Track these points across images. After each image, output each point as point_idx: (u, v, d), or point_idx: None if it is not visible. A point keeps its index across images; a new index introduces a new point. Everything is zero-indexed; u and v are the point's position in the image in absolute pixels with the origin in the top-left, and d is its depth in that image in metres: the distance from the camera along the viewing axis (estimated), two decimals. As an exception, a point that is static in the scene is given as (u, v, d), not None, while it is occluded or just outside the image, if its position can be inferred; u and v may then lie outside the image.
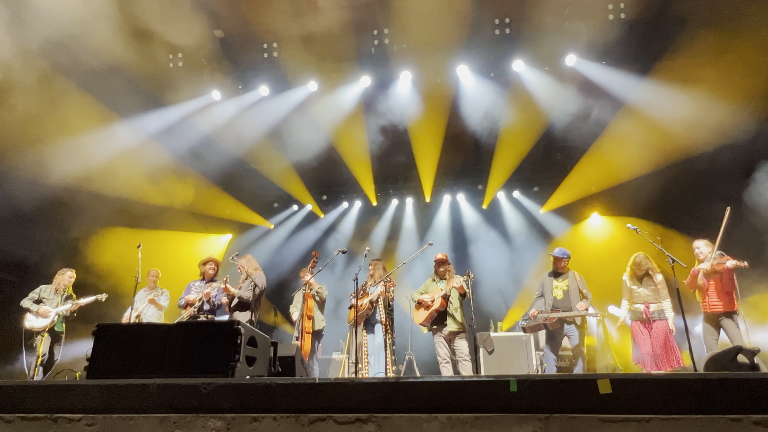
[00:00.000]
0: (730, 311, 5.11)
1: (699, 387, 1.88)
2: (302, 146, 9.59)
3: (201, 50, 8.26)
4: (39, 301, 6.42)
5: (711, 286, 5.26)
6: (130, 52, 7.53)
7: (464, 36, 8.16)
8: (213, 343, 2.34)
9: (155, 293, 7.01)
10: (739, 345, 4.18)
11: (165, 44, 7.80)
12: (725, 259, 5.12)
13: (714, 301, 5.22)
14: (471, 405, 1.95)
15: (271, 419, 2.01)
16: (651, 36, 7.78)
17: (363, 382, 2.03)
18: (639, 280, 5.68)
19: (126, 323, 6.21)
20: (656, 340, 5.37)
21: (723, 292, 5.15)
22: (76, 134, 7.72)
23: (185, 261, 8.73)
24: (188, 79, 8.70)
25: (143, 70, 8.09)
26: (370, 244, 10.39)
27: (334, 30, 8.04)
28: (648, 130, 8.09)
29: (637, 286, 5.67)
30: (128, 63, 7.71)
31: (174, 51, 8.40)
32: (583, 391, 1.91)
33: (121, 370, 2.34)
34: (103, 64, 7.50)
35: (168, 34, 7.45)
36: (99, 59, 7.37)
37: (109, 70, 7.64)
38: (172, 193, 9.15)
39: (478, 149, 10.06)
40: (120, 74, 7.84)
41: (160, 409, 2.10)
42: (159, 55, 8.08)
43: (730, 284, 5.09)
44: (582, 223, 10.02)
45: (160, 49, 7.94)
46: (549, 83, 8.56)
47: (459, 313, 5.82)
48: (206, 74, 8.83)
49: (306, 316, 6.30)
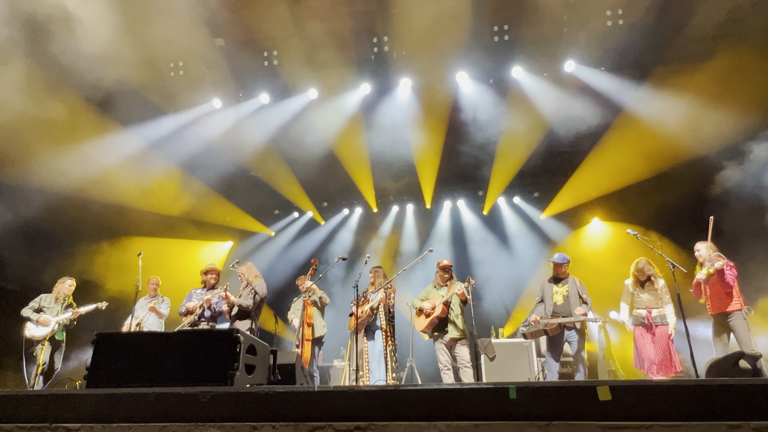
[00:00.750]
0: (733, 311, 5.12)
1: (699, 393, 1.87)
2: (303, 153, 9.62)
3: (202, 59, 8.31)
4: (39, 310, 6.42)
5: (709, 288, 5.31)
6: (131, 62, 7.60)
7: (463, 43, 8.18)
8: (212, 351, 2.34)
9: (155, 301, 7.01)
10: (741, 351, 4.18)
11: (166, 53, 7.85)
12: (716, 260, 5.18)
13: (715, 303, 5.27)
14: (470, 413, 1.94)
15: (270, 428, 2.01)
16: (649, 41, 7.80)
17: (362, 390, 2.03)
18: (641, 285, 5.68)
19: (125, 332, 6.21)
20: (659, 345, 5.35)
21: (722, 293, 5.19)
22: (78, 143, 7.76)
23: (186, 269, 8.74)
24: (189, 88, 8.74)
25: (144, 79, 8.15)
26: (371, 251, 10.38)
27: (333, 37, 8.09)
28: (647, 136, 8.10)
29: (639, 291, 5.66)
30: (130, 72, 7.77)
31: (175, 59, 8.45)
32: (583, 398, 1.90)
33: (120, 379, 2.34)
34: (106, 74, 7.55)
35: (169, 43, 7.50)
36: (102, 69, 7.42)
37: (112, 80, 7.69)
38: (173, 201, 9.17)
39: (478, 155, 10.08)
40: (122, 83, 7.89)
41: (159, 418, 2.10)
42: (160, 63, 8.14)
43: (727, 285, 5.11)
44: (583, 229, 10.01)
45: (161, 58, 8.00)
46: (548, 89, 8.58)
47: (460, 320, 5.80)
48: (207, 82, 8.87)
49: (306, 323, 6.29)
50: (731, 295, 5.14)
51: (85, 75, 7.30)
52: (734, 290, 5.15)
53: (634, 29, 7.72)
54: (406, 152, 9.76)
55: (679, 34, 7.44)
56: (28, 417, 2.19)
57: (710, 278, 5.25)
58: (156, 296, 7.11)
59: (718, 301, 5.22)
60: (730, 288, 5.12)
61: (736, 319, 5.09)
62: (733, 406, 1.83)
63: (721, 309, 5.19)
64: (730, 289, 5.12)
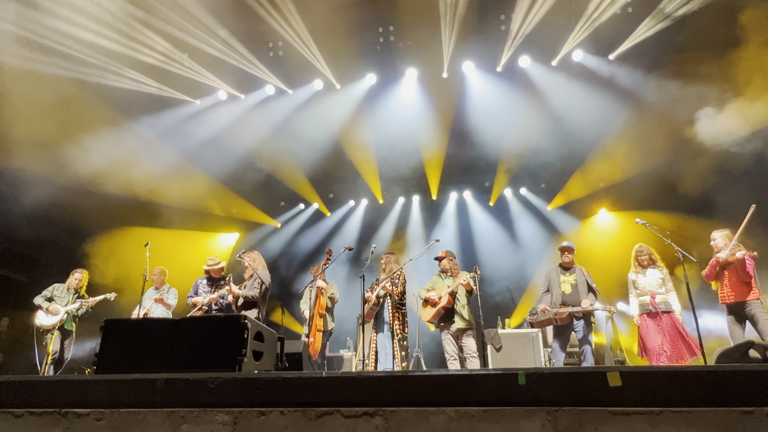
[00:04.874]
0: (749, 300, 5.08)
1: (710, 379, 1.85)
2: (308, 145, 9.61)
3: (206, 50, 8.29)
4: (50, 299, 6.50)
5: (726, 276, 5.25)
6: (137, 53, 7.60)
7: (470, 32, 8.11)
8: (220, 337, 2.34)
9: (161, 292, 7.04)
10: (750, 340, 4.14)
11: (171, 44, 7.84)
12: (736, 249, 5.13)
13: (729, 292, 5.21)
14: (479, 398, 1.93)
15: (278, 413, 2.01)
16: (659, 30, 7.69)
17: (370, 375, 2.02)
18: (644, 269, 5.65)
19: (134, 318, 6.26)
20: (667, 334, 5.29)
21: (740, 282, 5.14)
22: (85, 134, 7.78)
23: (194, 259, 8.77)
24: (194, 79, 8.73)
25: (150, 71, 8.15)
26: (377, 241, 10.38)
27: (339, 28, 8.03)
28: (656, 125, 8.01)
29: (642, 276, 5.63)
30: (135, 63, 7.78)
31: (180, 51, 8.43)
32: (593, 383, 1.89)
33: (128, 365, 2.35)
34: (112, 65, 7.56)
35: (174, 34, 7.49)
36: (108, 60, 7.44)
37: (118, 70, 7.70)
38: (179, 193, 9.20)
39: (484, 146, 10.01)
40: (127, 74, 7.90)
41: (168, 403, 2.10)
42: (165, 55, 8.13)
43: (746, 274, 5.06)
44: (590, 219, 9.95)
45: (166, 49, 7.99)
46: (556, 79, 8.50)
47: (466, 310, 5.79)
48: (212, 74, 8.86)
49: (318, 314, 6.29)
50: (750, 285, 5.10)
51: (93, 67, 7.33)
52: (753, 280, 5.10)
53: (642, 18, 7.61)
54: (412, 143, 9.72)
55: (689, 22, 7.32)
56: (38, 402, 2.20)
57: (728, 266, 5.20)
58: (162, 286, 7.14)
59: (737, 290, 5.17)
60: (750, 278, 5.07)
61: (755, 307, 5.04)
62: (746, 392, 1.81)
63: (740, 298, 5.14)
64: (749, 278, 5.07)
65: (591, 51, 8.22)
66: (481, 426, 1.88)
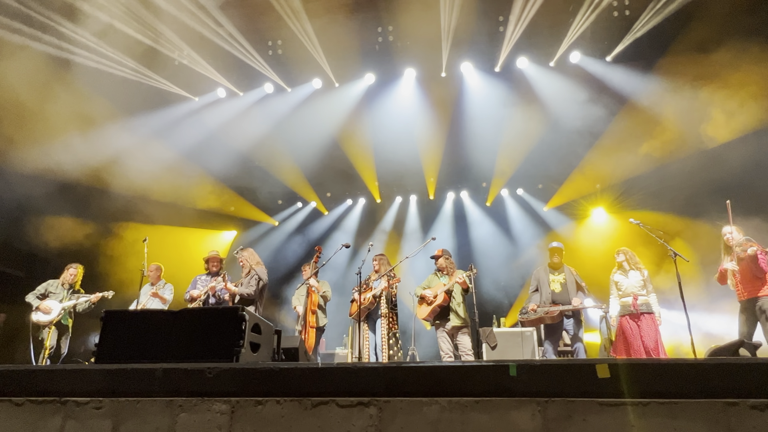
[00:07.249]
0: (761, 296, 4.99)
1: (696, 372, 1.90)
2: (306, 143, 9.63)
3: (206, 48, 8.31)
4: (45, 295, 6.48)
5: (739, 273, 5.18)
6: (136, 51, 7.62)
7: (468, 33, 8.16)
8: (218, 328, 2.38)
9: (158, 287, 7.05)
10: (741, 339, 4.20)
11: (170, 42, 7.86)
12: (747, 245, 5.08)
13: (743, 290, 5.16)
14: (471, 389, 1.98)
15: (274, 402, 2.05)
16: (655, 31, 7.75)
17: (365, 366, 2.07)
18: (625, 272, 5.70)
19: (133, 310, 6.27)
20: (647, 335, 5.33)
21: (754, 278, 5.07)
22: (83, 130, 7.79)
23: (191, 256, 8.79)
24: (193, 77, 8.75)
25: (149, 68, 8.17)
26: (374, 240, 10.41)
27: (338, 27, 8.07)
28: (652, 126, 8.08)
29: (625, 277, 5.68)
30: (134, 61, 7.80)
31: (179, 48, 8.45)
32: (582, 375, 1.94)
33: (128, 355, 2.39)
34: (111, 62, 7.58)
35: (173, 32, 7.51)
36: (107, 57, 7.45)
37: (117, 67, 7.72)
38: (177, 190, 9.21)
39: (482, 146, 10.05)
40: (127, 71, 7.92)
41: (166, 392, 2.14)
42: (164, 52, 8.15)
43: (760, 270, 4.99)
44: (586, 220, 10.02)
45: (165, 47, 8.01)
46: (553, 80, 8.56)
47: (462, 308, 5.83)
48: (211, 72, 8.88)
49: (310, 310, 6.33)
50: (764, 281, 5.03)
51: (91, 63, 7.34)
52: (767, 275, 5.02)
53: (639, 19, 7.68)
54: (409, 143, 9.75)
55: (685, 23, 7.38)
56: (38, 391, 2.24)
57: (740, 262, 5.14)
58: (158, 282, 7.14)
59: (750, 285, 5.10)
60: (764, 273, 5.00)
61: (767, 303, 4.94)
62: (730, 385, 1.86)
63: (752, 294, 5.07)
64: (762, 274, 5.00)
65: (588, 52, 8.28)
66: (473, 416, 1.93)
